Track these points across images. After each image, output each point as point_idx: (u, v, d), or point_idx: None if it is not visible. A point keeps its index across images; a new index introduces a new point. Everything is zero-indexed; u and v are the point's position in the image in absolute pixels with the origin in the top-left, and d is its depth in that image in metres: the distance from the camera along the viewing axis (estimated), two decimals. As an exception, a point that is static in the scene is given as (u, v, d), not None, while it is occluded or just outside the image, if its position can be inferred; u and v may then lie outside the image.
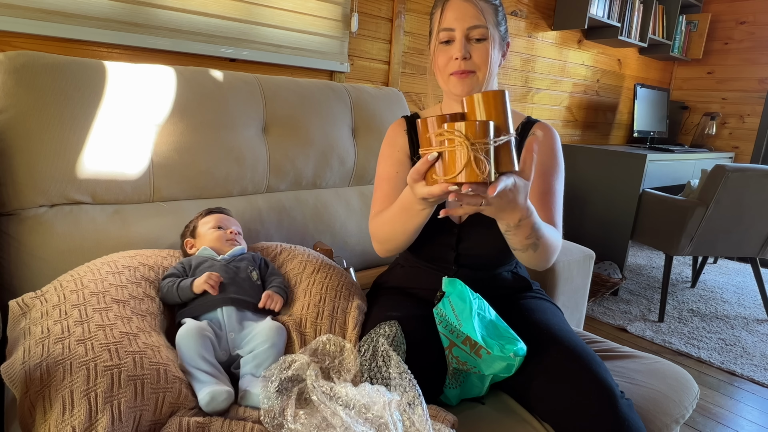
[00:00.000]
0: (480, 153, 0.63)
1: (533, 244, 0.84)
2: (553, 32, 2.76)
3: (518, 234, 0.81)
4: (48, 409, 0.67)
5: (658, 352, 2.11)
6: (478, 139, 0.63)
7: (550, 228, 0.90)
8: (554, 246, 0.90)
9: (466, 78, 0.94)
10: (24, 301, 0.85)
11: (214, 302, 0.92)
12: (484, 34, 0.92)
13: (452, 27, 0.92)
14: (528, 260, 0.90)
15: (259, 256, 1.06)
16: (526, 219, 0.78)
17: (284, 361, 0.81)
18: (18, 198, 1.01)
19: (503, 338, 0.84)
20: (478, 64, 0.93)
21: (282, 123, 1.39)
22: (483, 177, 0.63)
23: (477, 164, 0.63)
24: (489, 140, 0.64)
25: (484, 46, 0.92)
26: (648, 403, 0.91)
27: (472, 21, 0.91)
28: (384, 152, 1.07)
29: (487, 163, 0.63)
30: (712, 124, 3.46)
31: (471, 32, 0.92)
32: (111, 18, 1.31)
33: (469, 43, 0.93)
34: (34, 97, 1.01)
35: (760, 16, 3.38)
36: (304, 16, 1.69)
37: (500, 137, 0.66)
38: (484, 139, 0.63)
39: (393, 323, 0.87)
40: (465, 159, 0.63)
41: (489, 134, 0.64)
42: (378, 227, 0.95)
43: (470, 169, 0.63)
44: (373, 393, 0.71)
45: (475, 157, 0.63)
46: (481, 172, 0.63)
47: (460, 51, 0.92)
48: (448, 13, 0.93)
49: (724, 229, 2.35)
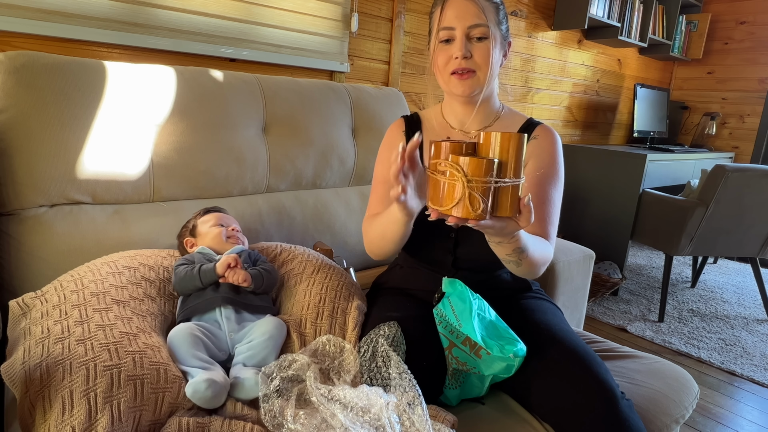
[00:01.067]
0: (476, 191, 0.63)
1: (515, 261, 0.84)
2: (553, 32, 2.76)
3: (498, 249, 0.82)
4: (48, 409, 0.67)
5: (658, 352, 2.11)
6: (476, 177, 0.63)
7: (540, 242, 0.88)
8: (540, 262, 0.88)
9: (466, 78, 0.93)
10: (24, 301, 0.85)
11: (213, 301, 0.91)
12: (485, 32, 0.91)
13: (452, 26, 0.91)
14: (513, 270, 0.89)
15: (255, 253, 1.06)
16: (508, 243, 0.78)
17: (284, 360, 0.81)
18: (18, 198, 1.01)
19: (503, 339, 0.84)
20: (479, 63, 0.92)
21: (282, 123, 1.39)
22: (475, 215, 0.63)
23: (471, 202, 0.63)
24: (489, 180, 0.63)
25: (485, 45, 0.91)
26: (648, 403, 0.91)
27: (473, 19, 0.90)
28: (382, 154, 1.06)
29: (481, 202, 0.63)
30: (712, 124, 3.46)
31: (472, 31, 0.91)
32: (111, 18, 1.31)
33: (470, 42, 0.92)
34: (34, 97, 1.01)
35: (760, 16, 3.38)
36: (304, 16, 1.69)
37: (504, 179, 0.65)
38: (483, 177, 0.63)
39: (392, 324, 0.87)
40: (459, 194, 0.63)
41: (490, 174, 0.63)
42: (368, 230, 0.96)
43: (464, 206, 0.63)
44: (371, 395, 0.71)
45: (470, 194, 0.63)
46: (473, 210, 0.63)
47: (461, 50, 0.90)
48: (449, 11, 0.91)
49: (724, 229, 2.35)
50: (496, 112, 1.04)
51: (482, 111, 1.02)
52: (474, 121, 1.03)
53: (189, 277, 0.92)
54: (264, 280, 0.97)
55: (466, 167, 0.63)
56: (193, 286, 0.93)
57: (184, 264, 0.96)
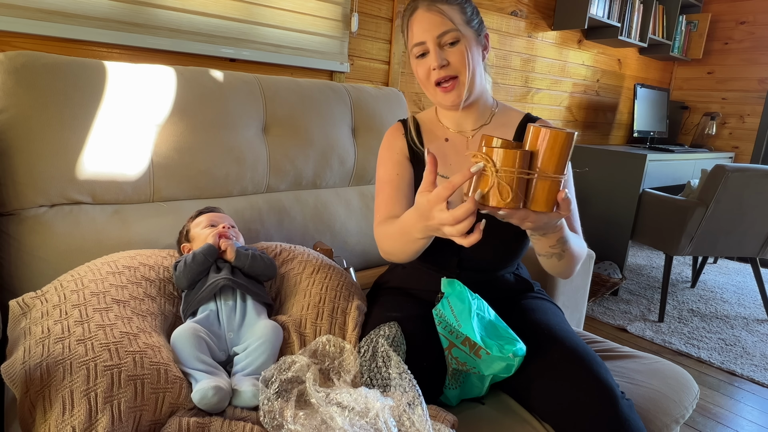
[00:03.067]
0: (504, 180, 0.64)
1: (558, 254, 0.83)
2: (553, 32, 2.76)
3: (542, 242, 0.81)
4: (48, 409, 0.67)
5: (658, 352, 2.11)
6: (506, 167, 0.63)
7: (576, 238, 0.88)
8: (579, 256, 0.88)
9: (451, 90, 0.93)
10: (24, 301, 0.85)
11: (214, 286, 0.92)
12: (455, 36, 0.91)
13: (422, 40, 0.91)
14: (551, 268, 0.89)
15: (254, 249, 1.06)
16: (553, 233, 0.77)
17: (284, 362, 0.81)
18: (18, 198, 1.01)
19: (502, 338, 0.84)
20: (458, 67, 0.92)
21: (282, 123, 1.39)
22: (505, 203, 0.64)
23: (500, 191, 0.64)
24: (516, 170, 0.64)
25: (458, 49, 0.91)
26: (648, 403, 0.91)
27: (439, 28, 0.90)
28: (383, 155, 1.06)
29: (510, 191, 0.64)
30: (712, 124, 3.46)
31: (441, 39, 0.91)
32: (111, 18, 1.31)
33: (443, 49, 0.92)
34: (34, 97, 1.01)
35: (760, 16, 3.38)
36: (304, 16, 1.69)
37: (534, 172, 0.65)
38: (512, 167, 0.64)
39: (393, 324, 0.87)
40: (489, 184, 0.64)
41: (520, 165, 0.64)
42: (382, 239, 0.94)
43: (494, 194, 0.64)
44: (369, 397, 0.71)
45: (498, 183, 0.64)
46: (503, 199, 0.64)
47: (436, 60, 0.90)
48: (415, 27, 0.92)
49: (724, 229, 2.35)
50: (490, 110, 1.04)
51: (475, 111, 1.02)
52: (468, 122, 1.03)
53: (189, 262, 0.94)
54: (250, 257, 0.99)
55: (497, 158, 0.64)
56: (200, 268, 0.95)
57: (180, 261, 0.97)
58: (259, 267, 1.00)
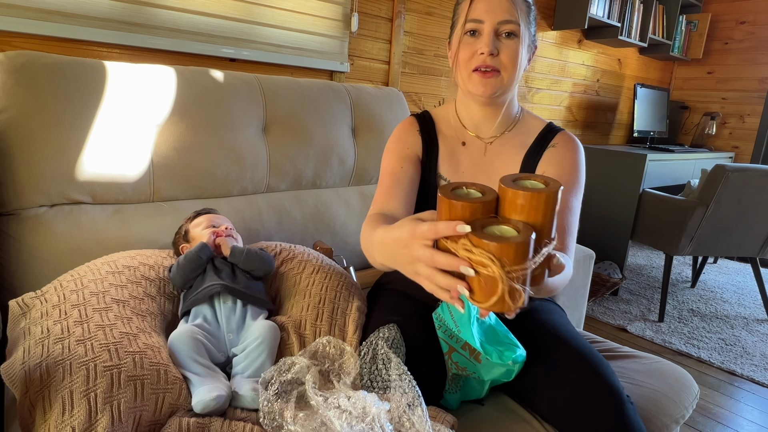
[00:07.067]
0: (516, 281, 0.49)
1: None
2: (553, 32, 2.76)
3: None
4: (48, 410, 0.67)
5: (658, 352, 2.11)
6: (516, 266, 0.48)
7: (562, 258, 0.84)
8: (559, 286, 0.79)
9: (490, 77, 0.87)
10: (24, 301, 0.85)
11: (212, 288, 0.92)
12: (515, 30, 0.85)
13: (482, 19, 0.85)
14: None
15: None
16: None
17: (284, 364, 0.81)
18: (18, 198, 1.01)
19: (502, 344, 0.83)
20: (505, 63, 0.86)
21: (282, 123, 1.39)
22: (514, 308, 0.50)
23: (511, 296, 0.49)
24: (528, 263, 0.49)
25: (514, 44, 0.85)
26: (648, 403, 0.91)
27: (504, 14, 0.84)
28: (390, 147, 1.01)
29: (522, 292, 0.49)
30: (712, 124, 3.46)
31: (501, 27, 0.85)
32: (111, 18, 1.31)
33: (498, 39, 0.86)
34: (34, 97, 1.01)
35: (760, 16, 3.38)
36: (304, 16, 1.69)
37: (541, 251, 0.51)
38: (524, 264, 0.49)
39: (392, 326, 0.86)
40: (498, 293, 0.49)
41: (530, 255, 0.49)
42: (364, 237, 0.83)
43: (502, 302, 0.50)
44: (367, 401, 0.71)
45: (510, 287, 0.49)
46: (513, 303, 0.50)
47: (488, 45, 0.84)
48: (479, 4, 0.85)
49: (724, 229, 2.35)
50: (514, 118, 1.00)
51: (499, 114, 0.97)
52: (489, 125, 0.98)
53: (185, 260, 0.94)
54: (245, 253, 0.99)
55: (501, 254, 0.48)
56: (195, 266, 0.95)
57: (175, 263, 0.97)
58: (254, 262, 0.99)
